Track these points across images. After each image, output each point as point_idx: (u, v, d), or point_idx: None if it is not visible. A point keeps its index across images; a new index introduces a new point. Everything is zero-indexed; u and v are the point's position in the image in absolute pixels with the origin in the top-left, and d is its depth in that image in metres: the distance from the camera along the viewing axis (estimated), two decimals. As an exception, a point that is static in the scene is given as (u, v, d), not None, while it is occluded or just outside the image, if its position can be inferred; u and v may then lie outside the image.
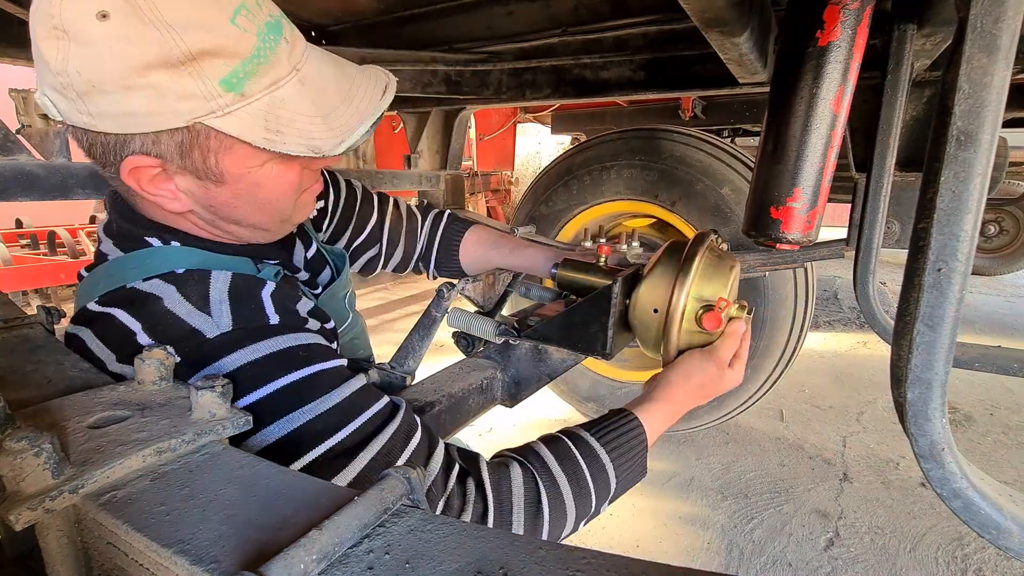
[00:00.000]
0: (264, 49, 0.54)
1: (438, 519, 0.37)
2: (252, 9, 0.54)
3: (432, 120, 2.36)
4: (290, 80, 0.57)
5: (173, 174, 0.58)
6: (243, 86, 0.53)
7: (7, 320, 0.68)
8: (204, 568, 0.32)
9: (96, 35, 0.48)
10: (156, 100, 0.51)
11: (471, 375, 0.96)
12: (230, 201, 0.62)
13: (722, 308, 0.80)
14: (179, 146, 0.55)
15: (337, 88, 0.61)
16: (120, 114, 0.52)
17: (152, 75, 0.50)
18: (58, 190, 1.12)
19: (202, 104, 0.52)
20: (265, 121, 0.55)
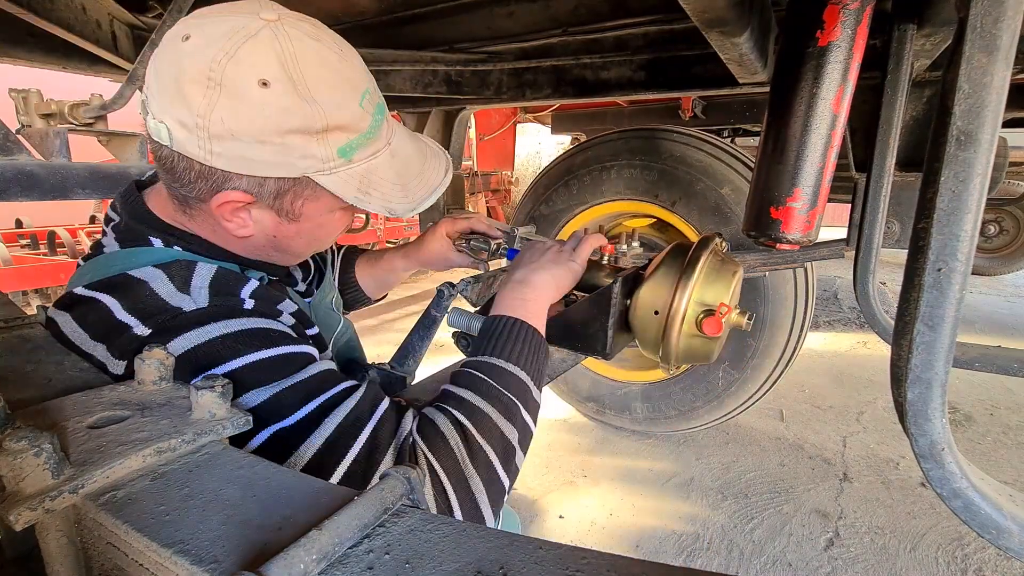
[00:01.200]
0: (374, 127, 0.66)
1: (438, 519, 0.37)
2: (372, 93, 0.65)
3: (432, 120, 2.36)
4: (384, 152, 0.68)
5: (257, 207, 0.65)
6: (353, 155, 0.64)
7: (7, 320, 0.68)
8: (204, 568, 0.32)
9: (254, 97, 0.55)
10: (281, 155, 0.59)
11: (471, 375, 0.95)
12: (293, 236, 0.70)
13: (723, 313, 0.80)
14: (278, 190, 0.63)
15: (416, 162, 0.73)
16: (240, 158, 0.59)
17: (290, 138, 0.58)
18: (58, 190, 1.12)
19: (317, 164, 0.61)
20: (359, 183, 0.65)
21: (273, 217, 0.66)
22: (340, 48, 0.62)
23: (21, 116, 1.74)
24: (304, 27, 0.59)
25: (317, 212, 0.67)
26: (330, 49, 0.60)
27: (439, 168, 0.75)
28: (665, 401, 2.29)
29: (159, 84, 0.57)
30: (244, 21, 0.56)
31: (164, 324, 0.59)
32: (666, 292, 0.84)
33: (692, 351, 0.85)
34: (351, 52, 0.64)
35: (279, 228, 0.68)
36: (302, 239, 0.71)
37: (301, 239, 0.71)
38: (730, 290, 0.83)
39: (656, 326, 0.86)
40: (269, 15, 0.57)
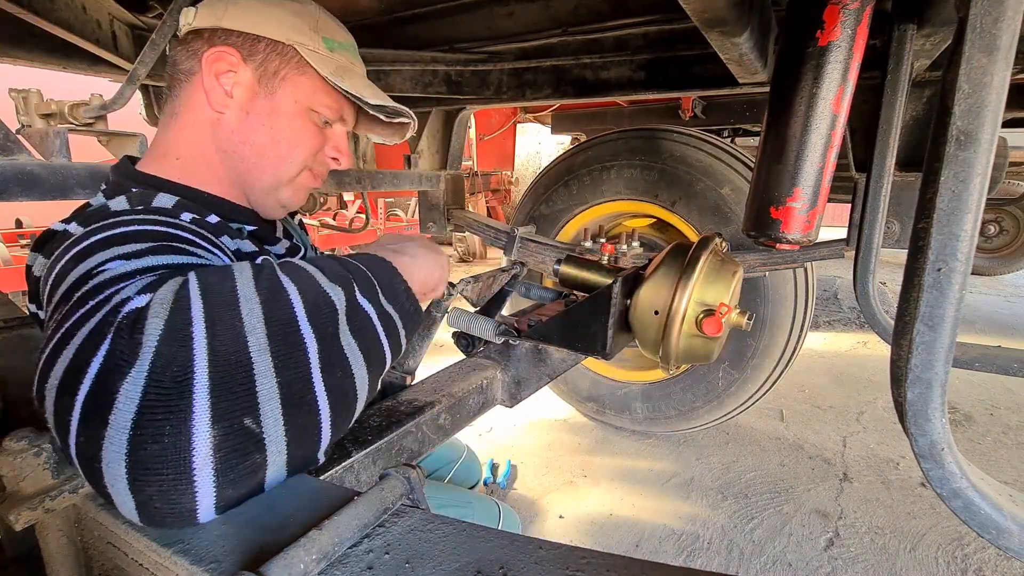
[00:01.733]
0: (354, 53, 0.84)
1: (438, 519, 0.37)
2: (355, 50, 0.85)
3: (432, 120, 2.36)
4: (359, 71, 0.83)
5: (240, 76, 0.72)
6: (334, 49, 0.78)
7: (7, 320, 0.68)
8: (204, 568, 0.32)
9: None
10: (277, 21, 0.72)
11: (471, 375, 0.96)
12: (263, 116, 0.74)
13: (723, 313, 0.80)
14: (267, 52, 0.73)
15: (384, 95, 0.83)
16: (247, 16, 0.72)
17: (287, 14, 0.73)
18: (58, 190, 1.12)
19: (305, 38, 0.74)
20: (335, 68, 0.76)
21: (253, 86, 0.73)
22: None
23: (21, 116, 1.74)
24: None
25: (293, 91, 0.75)
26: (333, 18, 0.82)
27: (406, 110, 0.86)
28: (665, 401, 2.29)
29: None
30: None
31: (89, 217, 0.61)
32: (666, 292, 0.84)
33: (692, 351, 0.85)
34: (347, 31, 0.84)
35: (255, 102, 0.73)
36: (271, 127, 0.75)
37: (270, 126, 0.75)
38: (730, 290, 0.83)
39: (656, 326, 0.86)
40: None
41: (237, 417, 0.39)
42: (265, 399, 0.41)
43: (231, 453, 0.38)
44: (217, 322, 0.41)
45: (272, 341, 0.43)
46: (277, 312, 0.45)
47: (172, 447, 0.37)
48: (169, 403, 0.37)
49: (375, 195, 5.48)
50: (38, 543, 0.39)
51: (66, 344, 0.41)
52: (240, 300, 0.44)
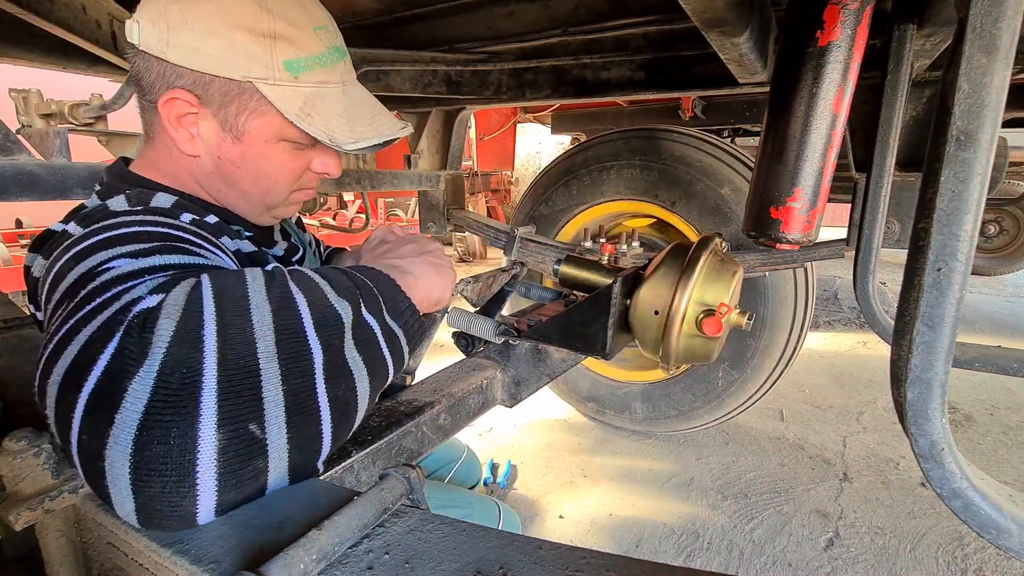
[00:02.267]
0: (326, 57, 0.68)
1: (438, 519, 0.37)
2: (330, 32, 0.69)
3: (432, 120, 2.36)
4: (335, 87, 0.69)
5: (202, 119, 0.66)
6: (299, 73, 0.65)
7: (7, 320, 0.68)
8: (204, 568, 0.32)
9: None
10: (227, 50, 0.62)
11: (471, 375, 0.96)
12: (237, 160, 0.69)
13: (723, 313, 0.80)
14: (223, 95, 0.64)
15: (368, 109, 0.73)
16: (191, 49, 0.62)
17: (236, 33, 0.61)
18: (58, 190, 1.12)
19: (262, 70, 0.63)
20: (302, 103, 0.66)
21: (217, 131, 0.67)
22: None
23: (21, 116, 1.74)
24: None
25: (261, 133, 0.67)
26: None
27: (394, 125, 0.75)
28: (665, 401, 2.29)
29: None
30: None
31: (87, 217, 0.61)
32: (666, 292, 0.84)
33: (692, 351, 0.85)
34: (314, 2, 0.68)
35: (223, 148, 0.68)
36: (247, 170, 0.70)
37: (246, 169, 0.69)
38: (730, 290, 0.83)
39: (656, 326, 0.86)
40: None
41: (243, 422, 0.39)
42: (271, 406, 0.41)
43: (235, 457, 0.39)
44: (228, 326, 0.42)
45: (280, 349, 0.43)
46: (287, 321, 0.45)
47: (178, 448, 0.37)
48: (177, 404, 0.37)
49: (375, 195, 5.49)
50: (38, 543, 0.39)
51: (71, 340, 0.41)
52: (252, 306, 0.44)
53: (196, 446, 0.37)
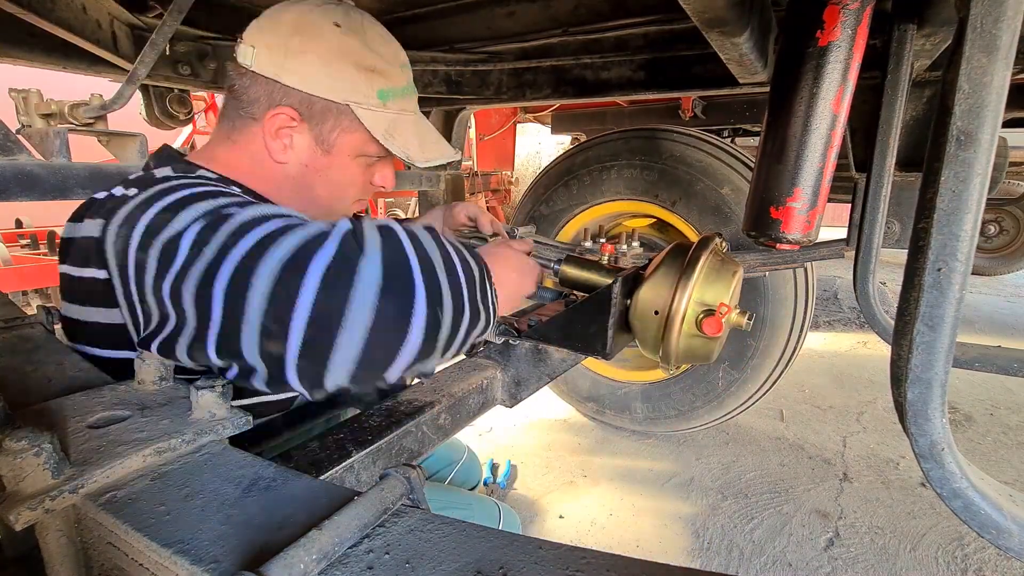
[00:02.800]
0: (407, 90, 0.85)
1: (438, 519, 0.37)
2: (409, 70, 0.86)
3: (432, 120, 2.36)
4: (410, 115, 0.85)
5: (299, 132, 0.77)
6: (387, 100, 0.80)
7: (7, 320, 0.68)
8: (204, 568, 0.32)
9: (327, 31, 0.74)
10: (335, 78, 0.75)
11: (471, 375, 0.96)
12: (321, 169, 0.81)
13: (723, 313, 0.80)
14: (323, 113, 0.77)
15: (434, 135, 0.89)
16: (305, 75, 0.74)
17: (344, 65, 0.75)
18: (58, 190, 1.12)
19: (359, 96, 0.77)
20: (387, 126, 0.80)
21: (311, 144, 0.78)
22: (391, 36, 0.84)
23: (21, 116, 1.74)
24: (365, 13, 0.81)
25: (345, 148, 0.79)
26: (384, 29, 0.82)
27: (451, 149, 0.91)
28: (665, 401, 2.29)
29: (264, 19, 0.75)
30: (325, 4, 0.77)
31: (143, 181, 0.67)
32: (666, 292, 0.84)
33: (692, 351, 0.85)
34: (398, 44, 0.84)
35: (312, 158, 0.79)
36: (327, 178, 0.81)
37: (327, 178, 0.81)
38: (730, 290, 0.83)
39: (656, 326, 0.86)
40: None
41: (433, 306, 0.54)
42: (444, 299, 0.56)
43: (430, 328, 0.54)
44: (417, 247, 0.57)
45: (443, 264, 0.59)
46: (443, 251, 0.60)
47: (405, 312, 0.51)
48: (403, 280, 0.52)
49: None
50: (38, 543, 0.39)
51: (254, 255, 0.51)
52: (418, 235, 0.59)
53: (412, 314, 0.52)
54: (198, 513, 0.37)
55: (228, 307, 0.50)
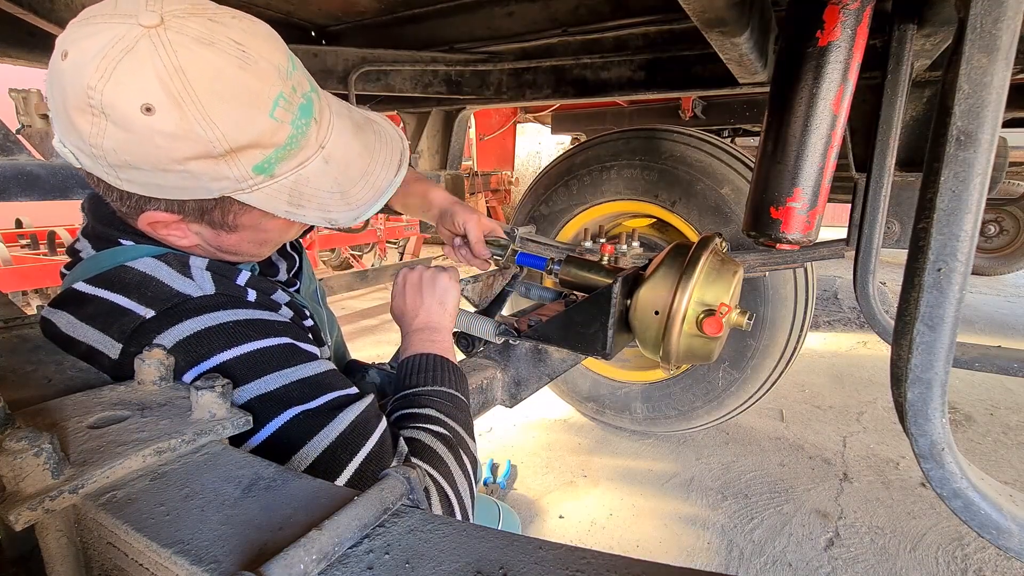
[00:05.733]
0: (296, 136, 0.57)
1: (438, 519, 0.37)
2: (288, 98, 0.55)
3: (432, 120, 2.36)
4: (315, 159, 0.60)
5: (189, 223, 0.61)
6: (273, 169, 0.57)
7: (7, 320, 0.68)
8: (204, 568, 0.32)
9: (139, 126, 0.49)
10: (190, 180, 0.54)
11: (471, 375, 0.96)
12: (236, 243, 0.65)
13: (723, 313, 0.80)
14: (201, 208, 0.58)
15: (358, 163, 0.64)
16: (150, 184, 0.54)
17: (191, 164, 0.52)
18: (58, 190, 1.12)
19: (233, 184, 0.55)
20: (289, 196, 0.59)
21: (208, 229, 0.62)
22: (243, 49, 0.51)
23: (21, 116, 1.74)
24: (193, 29, 0.49)
25: (253, 221, 0.62)
26: (227, 54, 0.50)
27: (390, 163, 0.67)
28: (665, 401, 2.29)
29: (53, 108, 0.53)
30: (122, 30, 0.48)
31: (170, 308, 0.59)
32: (666, 292, 0.84)
33: (692, 351, 0.85)
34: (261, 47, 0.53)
35: (219, 238, 0.64)
36: (249, 245, 0.67)
37: (248, 245, 0.67)
38: (730, 290, 0.83)
39: (656, 326, 0.86)
40: (149, 19, 0.48)
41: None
42: None
43: None
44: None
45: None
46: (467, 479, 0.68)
47: None
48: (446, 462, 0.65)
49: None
50: (38, 543, 0.39)
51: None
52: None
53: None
54: (198, 513, 0.37)
55: None
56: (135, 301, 0.60)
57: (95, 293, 0.61)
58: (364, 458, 0.59)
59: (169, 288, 0.61)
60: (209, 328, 0.59)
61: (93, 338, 0.59)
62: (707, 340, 0.83)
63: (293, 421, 0.58)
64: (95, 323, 0.60)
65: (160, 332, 0.58)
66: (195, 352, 0.58)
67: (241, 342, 0.59)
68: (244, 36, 0.52)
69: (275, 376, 0.59)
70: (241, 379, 0.58)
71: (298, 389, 0.59)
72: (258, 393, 0.58)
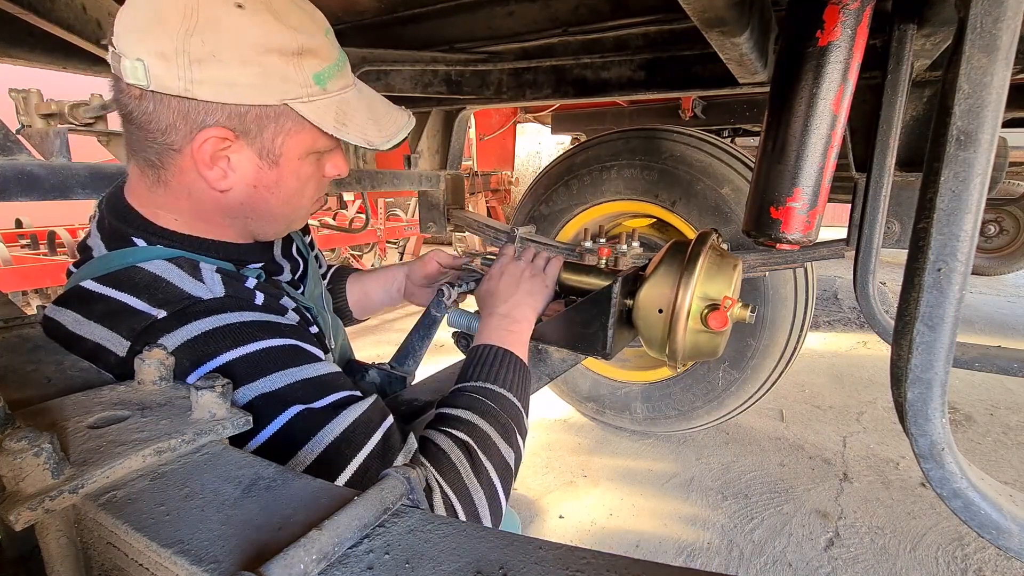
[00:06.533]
0: (341, 61, 0.68)
1: (438, 519, 0.37)
2: (332, 33, 0.68)
3: (432, 120, 2.36)
4: (353, 88, 0.70)
5: (237, 151, 0.64)
6: (326, 83, 0.65)
7: (7, 320, 0.68)
8: (204, 568, 0.32)
9: (232, 18, 0.57)
10: (262, 77, 0.59)
11: (471, 375, 0.95)
12: (272, 185, 0.68)
13: (727, 307, 0.80)
14: (259, 121, 0.63)
15: (382, 105, 0.75)
16: (224, 83, 0.58)
17: (268, 57, 0.59)
18: (58, 190, 1.12)
19: (296, 89, 0.62)
20: (336, 114, 0.66)
21: (254, 160, 0.65)
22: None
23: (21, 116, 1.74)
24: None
25: (294, 151, 0.67)
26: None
27: (401, 113, 0.77)
28: (665, 401, 2.29)
29: (136, 19, 0.57)
30: None
31: (181, 309, 0.60)
32: (669, 289, 0.84)
33: (699, 347, 0.85)
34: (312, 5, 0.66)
35: (259, 176, 0.66)
36: (281, 191, 0.69)
37: (280, 191, 0.69)
38: (732, 283, 0.83)
39: (661, 324, 0.86)
40: None
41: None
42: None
43: None
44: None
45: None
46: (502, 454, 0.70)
47: None
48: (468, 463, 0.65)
49: (375, 195, 5.48)
50: (38, 543, 0.39)
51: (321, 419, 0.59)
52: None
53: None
54: (198, 513, 0.37)
55: None
56: (145, 302, 0.60)
57: (104, 292, 0.62)
58: (368, 454, 0.59)
59: (179, 290, 0.62)
60: (216, 328, 0.60)
61: (101, 335, 0.60)
62: (713, 335, 0.83)
63: (296, 419, 0.58)
64: (104, 321, 0.60)
65: (169, 332, 0.58)
66: (201, 352, 0.58)
67: (247, 342, 0.60)
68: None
69: (279, 375, 0.59)
70: (246, 377, 0.58)
71: (302, 388, 0.60)
72: (262, 391, 0.58)
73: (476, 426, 0.69)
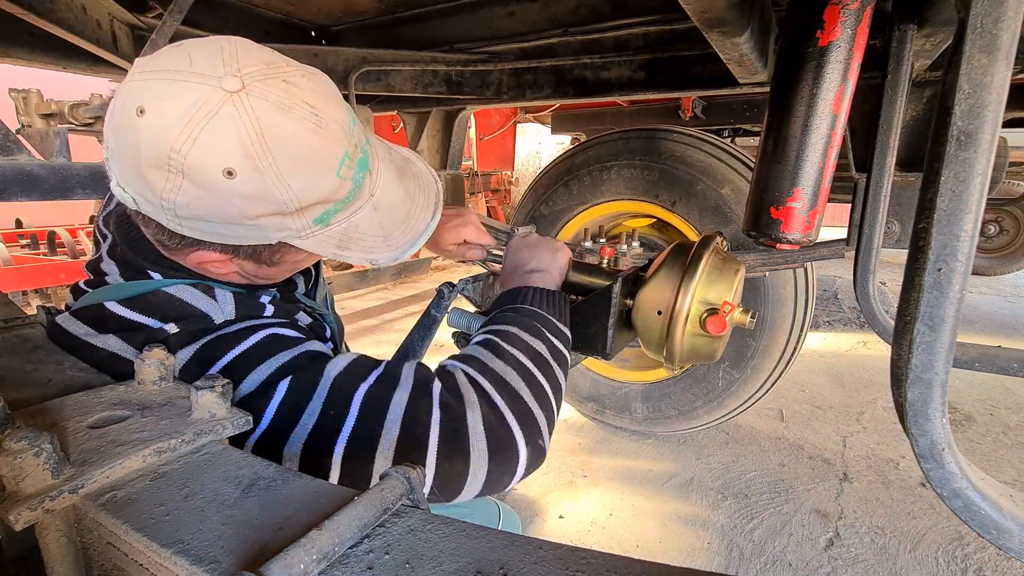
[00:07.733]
0: (354, 189, 0.62)
1: (438, 519, 0.37)
2: (351, 155, 0.59)
3: (432, 120, 2.36)
4: (366, 207, 0.65)
5: (233, 263, 0.64)
6: (330, 220, 0.61)
7: (7, 320, 0.68)
8: (204, 568, 0.32)
9: (219, 188, 0.52)
10: (255, 232, 0.57)
11: (471, 375, 0.95)
12: (273, 274, 0.70)
13: (726, 312, 0.80)
14: (253, 251, 0.62)
15: (400, 209, 0.69)
16: (213, 233, 0.57)
17: (261, 220, 0.56)
18: (58, 190, 1.12)
19: (293, 233, 0.59)
20: (338, 240, 0.63)
21: (252, 264, 0.65)
22: (316, 113, 0.54)
23: (21, 116, 1.74)
24: (272, 95, 0.52)
25: (296, 257, 0.68)
26: (303, 120, 0.53)
27: (427, 206, 0.71)
28: (665, 401, 2.29)
29: (119, 157, 0.53)
30: (204, 93, 0.49)
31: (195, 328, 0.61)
32: (669, 292, 0.84)
33: (696, 350, 0.85)
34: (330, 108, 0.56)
35: (259, 271, 0.67)
36: (284, 273, 0.73)
37: (283, 273, 0.73)
38: (733, 288, 0.83)
39: (660, 326, 0.86)
40: (231, 84, 0.50)
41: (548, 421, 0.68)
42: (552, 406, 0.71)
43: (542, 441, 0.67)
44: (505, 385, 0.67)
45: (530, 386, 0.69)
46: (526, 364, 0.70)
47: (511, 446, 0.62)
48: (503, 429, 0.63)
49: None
50: (38, 543, 0.39)
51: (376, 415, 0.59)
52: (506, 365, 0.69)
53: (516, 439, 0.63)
54: (198, 513, 0.37)
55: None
56: (159, 320, 0.61)
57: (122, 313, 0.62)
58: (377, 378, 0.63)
59: (194, 308, 0.63)
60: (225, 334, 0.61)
61: (115, 346, 0.61)
62: (711, 339, 0.83)
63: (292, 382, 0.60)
64: (119, 334, 0.61)
65: (182, 347, 0.60)
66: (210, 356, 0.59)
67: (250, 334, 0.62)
68: (315, 97, 0.55)
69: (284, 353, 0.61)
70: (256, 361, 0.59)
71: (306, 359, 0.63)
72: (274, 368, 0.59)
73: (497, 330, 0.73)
